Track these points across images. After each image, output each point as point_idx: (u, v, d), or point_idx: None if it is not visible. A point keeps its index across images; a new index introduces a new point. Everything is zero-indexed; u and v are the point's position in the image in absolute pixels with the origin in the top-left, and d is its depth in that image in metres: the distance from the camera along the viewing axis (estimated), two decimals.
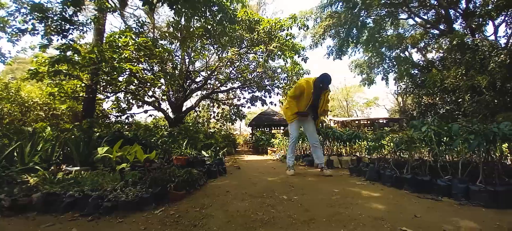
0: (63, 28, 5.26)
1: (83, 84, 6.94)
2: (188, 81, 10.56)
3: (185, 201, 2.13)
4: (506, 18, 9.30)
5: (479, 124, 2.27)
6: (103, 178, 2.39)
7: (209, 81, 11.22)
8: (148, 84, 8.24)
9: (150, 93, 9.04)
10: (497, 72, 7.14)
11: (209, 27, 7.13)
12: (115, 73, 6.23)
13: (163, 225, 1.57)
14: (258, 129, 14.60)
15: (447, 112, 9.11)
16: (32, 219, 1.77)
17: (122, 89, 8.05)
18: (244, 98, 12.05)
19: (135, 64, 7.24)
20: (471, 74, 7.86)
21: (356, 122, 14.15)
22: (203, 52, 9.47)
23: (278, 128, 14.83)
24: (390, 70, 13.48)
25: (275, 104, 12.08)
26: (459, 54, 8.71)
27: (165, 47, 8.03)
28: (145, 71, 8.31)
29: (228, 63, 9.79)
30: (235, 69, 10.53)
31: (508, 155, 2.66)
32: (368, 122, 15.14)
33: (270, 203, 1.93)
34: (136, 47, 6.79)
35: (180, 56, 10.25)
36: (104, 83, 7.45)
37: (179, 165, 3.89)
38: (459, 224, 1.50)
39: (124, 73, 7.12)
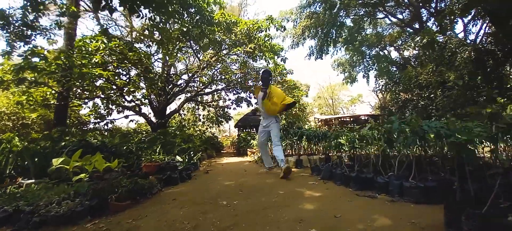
0: (25, 34, 5.10)
1: (54, 91, 6.74)
2: (169, 85, 10.43)
3: (127, 212, 2.11)
4: (475, 15, 9.70)
5: (413, 121, 2.36)
6: (45, 191, 2.34)
7: (191, 83, 11.13)
8: (125, 89, 8.09)
9: (129, 98, 8.86)
10: (464, 67, 7.44)
11: (184, 29, 7.05)
12: (86, 79, 6.07)
13: None
14: (244, 130, 14.59)
15: (422, 107, 9.41)
16: None
17: (99, 95, 7.86)
18: (229, 99, 12.03)
19: (110, 69, 7.09)
20: (440, 70, 8.16)
21: (340, 119, 14.37)
22: (181, 54, 9.36)
23: None
24: (371, 68, 13.81)
25: None
26: (432, 51, 9.01)
27: (140, 50, 7.89)
28: (121, 76, 8.14)
29: (208, 65, 9.75)
30: (218, 71, 10.50)
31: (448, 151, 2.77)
32: (351, 119, 15.42)
33: (205, 210, 1.95)
34: (108, 51, 6.66)
35: (161, 60, 10.11)
36: (80, 90, 7.26)
37: (148, 172, 3.86)
38: (374, 222, 1.56)
39: (99, 79, 6.97)
